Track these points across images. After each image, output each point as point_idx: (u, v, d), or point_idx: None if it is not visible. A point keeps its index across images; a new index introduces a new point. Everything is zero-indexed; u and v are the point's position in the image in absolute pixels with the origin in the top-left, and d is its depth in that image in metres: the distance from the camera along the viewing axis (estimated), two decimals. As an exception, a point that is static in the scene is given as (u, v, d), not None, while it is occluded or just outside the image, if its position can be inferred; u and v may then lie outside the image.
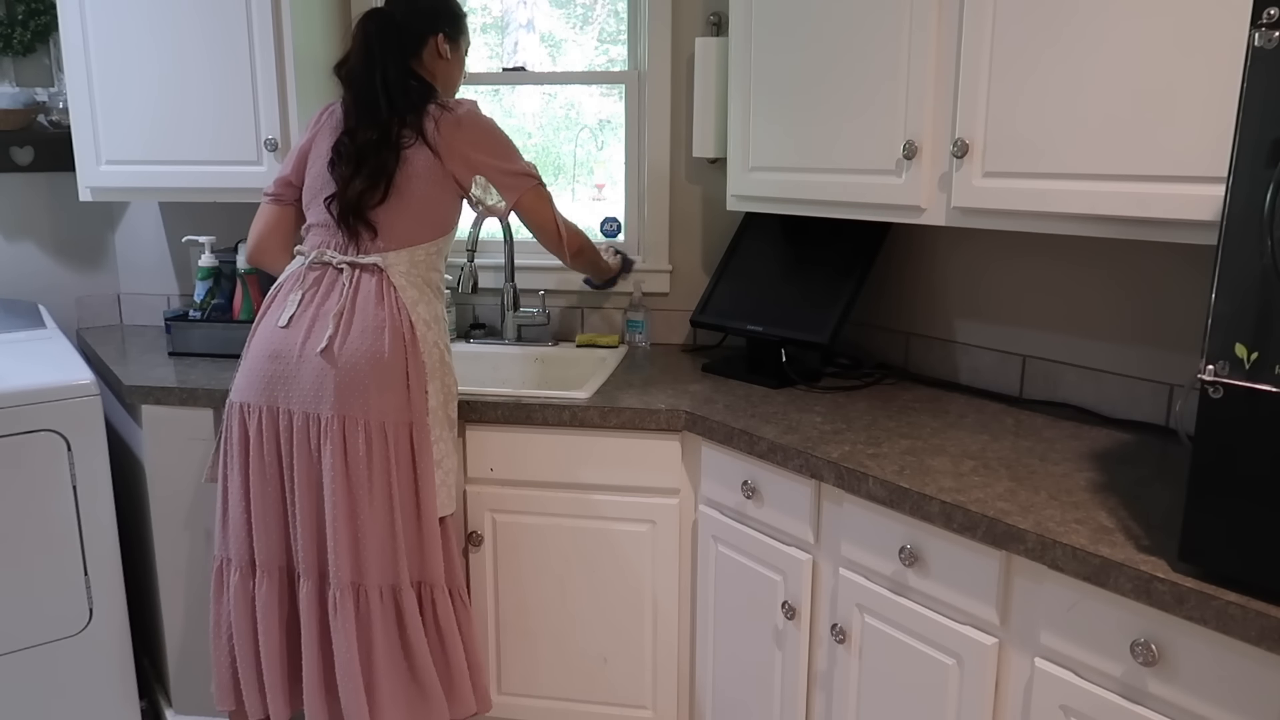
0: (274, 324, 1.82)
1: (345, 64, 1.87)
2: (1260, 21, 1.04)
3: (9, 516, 1.92)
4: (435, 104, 1.84)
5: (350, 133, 1.83)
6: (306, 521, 1.79)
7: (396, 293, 1.80)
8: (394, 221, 1.82)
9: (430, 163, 1.82)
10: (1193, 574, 1.16)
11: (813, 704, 1.76)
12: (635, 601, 2.02)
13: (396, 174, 1.81)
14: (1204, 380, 1.11)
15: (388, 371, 1.76)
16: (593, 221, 2.65)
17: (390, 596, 1.80)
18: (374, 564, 1.77)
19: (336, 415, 1.74)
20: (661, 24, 2.43)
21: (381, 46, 1.84)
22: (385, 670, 1.80)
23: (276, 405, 1.79)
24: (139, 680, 2.21)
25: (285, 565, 1.85)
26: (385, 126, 1.81)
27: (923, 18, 1.72)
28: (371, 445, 1.75)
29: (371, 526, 1.76)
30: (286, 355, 1.79)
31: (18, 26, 2.52)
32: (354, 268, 1.81)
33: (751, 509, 1.82)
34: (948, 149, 1.72)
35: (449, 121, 1.83)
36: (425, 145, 1.82)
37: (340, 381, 1.75)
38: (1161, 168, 1.42)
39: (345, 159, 1.82)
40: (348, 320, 1.78)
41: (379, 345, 1.76)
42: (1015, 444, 1.70)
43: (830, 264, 2.13)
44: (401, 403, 1.78)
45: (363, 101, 1.83)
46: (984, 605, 1.41)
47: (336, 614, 1.78)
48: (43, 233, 2.66)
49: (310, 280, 1.84)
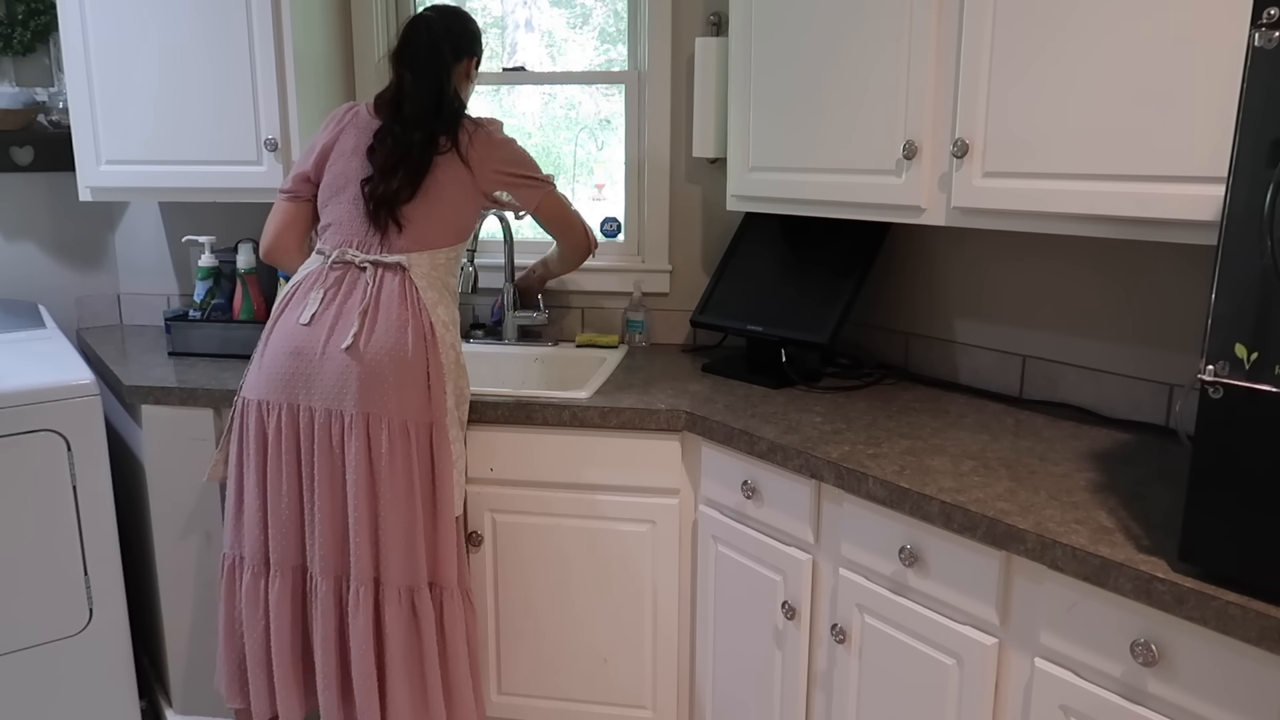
0: (294, 321, 1.82)
1: (404, 52, 1.91)
2: (1260, 21, 1.04)
3: (9, 516, 1.92)
4: (470, 119, 1.93)
5: (401, 121, 1.87)
6: (326, 520, 1.79)
7: (419, 293, 1.83)
8: (419, 222, 1.86)
9: (460, 173, 1.89)
10: (1193, 574, 1.16)
11: (813, 704, 1.76)
12: (635, 601, 2.02)
13: (428, 176, 1.86)
14: (1204, 380, 1.11)
15: (410, 370, 1.77)
16: (593, 221, 2.65)
17: (408, 597, 1.80)
18: (394, 563, 1.78)
19: (360, 412, 1.75)
20: (661, 24, 2.44)
21: (440, 49, 1.91)
22: (399, 671, 1.81)
23: (297, 403, 1.79)
24: (139, 680, 2.21)
25: (300, 565, 1.85)
26: (430, 130, 1.87)
27: (923, 17, 1.72)
28: (394, 444, 1.76)
29: (393, 525, 1.77)
30: (309, 353, 1.79)
31: (18, 26, 2.52)
32: (377, 266, 1.83)
33: (751, 509, 1.82)
34: (948, 149, 1.72)
35: (482, 137, 1.92)
36: (458, 156, 1.88)
37: (365, 378, 1.75)
38: (1161, 168, 1.42)
39: (387, 150, 1.85)
40: (372, 318, 1.79)
41: (402, 343, 1.77)
42: (1015, 444, 1.70)
43: (830, 264, 2.13)
44: (423, 402, 1.79)
45: (417, 93, 1.88)
46: (984, 605, 1.41)
47: (358, 612, 1.78)
48: (43, 233, 2.66)
49: (332, 279, 1.84)
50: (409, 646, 1.82)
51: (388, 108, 1.90)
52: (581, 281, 2.58)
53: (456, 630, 1.86)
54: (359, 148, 1.89)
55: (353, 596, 1.78)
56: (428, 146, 1.86)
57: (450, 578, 1.85)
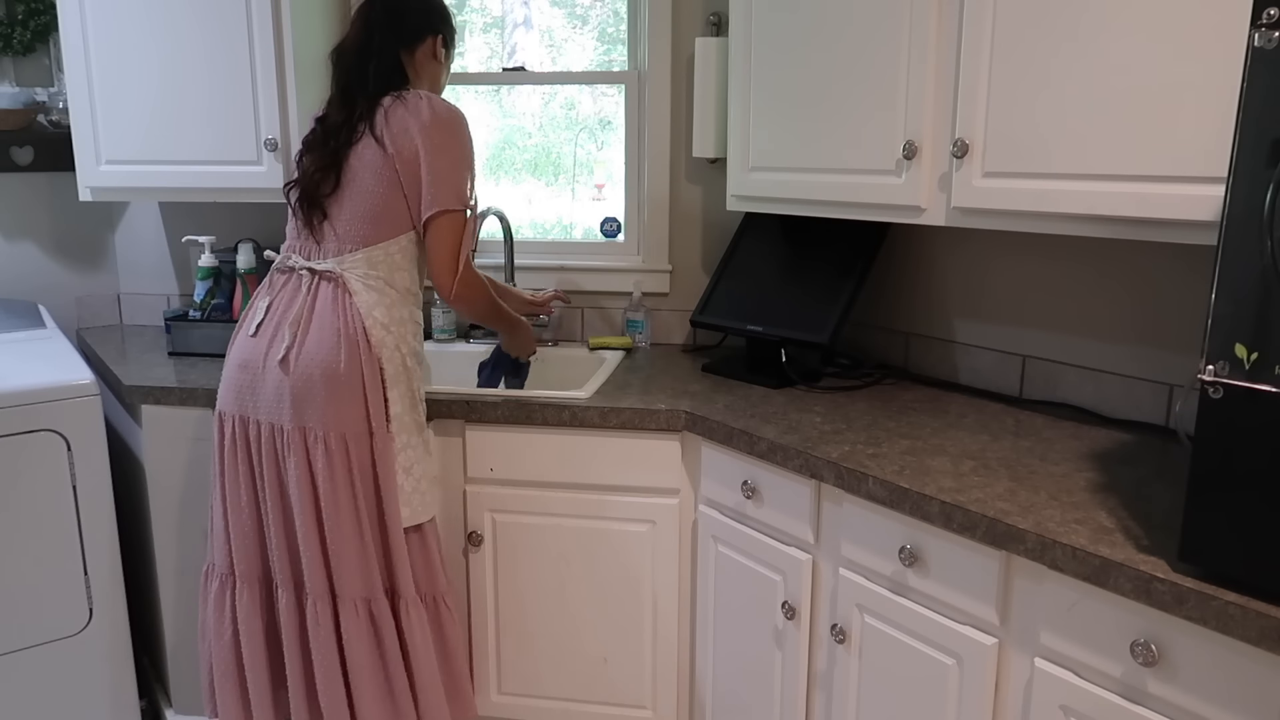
0: (246, 333, 1.81)
1: (340, 46, 1.84)
2: (1260, 21, 1.04)
3: (9, 516, 1.92)
4: (391, 94, 1.78)
5: (322, 119, 1.81)
6: (280, 533, 1.78)
7: (352, 299, 1.74)
8: (349, 220, 1.77)
9: (376, 156, 1.75)
10: (1192, 574, 1.16)
11: (813, 704, 1.76)
12: (635, 601, 2.02)
13: (345, 164, 1.77)
14: (1204, 380, 1.11)
15: (343, 383, 1.72)
16: (593, 221, 2.66)
17: (365, 608, 1.78)
18: (347, 577, 1.75)
19: (296, 427, 1.73)
20: (661, 24, 2.43)
21: (381, 33, 1.81)
22: (364, 681, 1.78)
23: (247, 415, 1.78)
24: (139, 680, 2.21)
25: (263, 575, 1.84)
26: (352, 111, 1.77)
27: (922, 18, 1.72)
28: (333, 458, 1.72)
29: (341, 539, 1.74)
30: (253, 365, 1.77)
31: (18, 26, 2.52)
32: (313, 274, 1.78)
33: (751, 509, 1.82)
34: (947, 149, 1.72)
35: (397, 109, 1.76)
36: (372, 137, 1.75)
37: (295, 393, 1.72)
38: (1161, 168, 1.42)
39: (307, 143, 1.80)
40: (304, 329, 1.74)
41: (334, 356, 1.72)
42: (1015, 444, 1.70)
43: (830, 264, 2.13)
44: (359, 413, 1.74)
45: (344, 85, 1.81)
46: (984, 605, 1.41)
47: (318, 625, 1.76)
48: (43, 233, 2.66)
49: (278, 285, 1.82)
50: (371, 657, 1.79)
51: (329, 99, 1.84)
52: (582, 282, 2.58)
53: (419, 638, 1.81)
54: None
55: (310, 609, 1.77)
56: (343, 131, 1.76)
57: (407, 587, 1.80)
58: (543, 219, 2.80)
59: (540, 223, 2.80)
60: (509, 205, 2.64)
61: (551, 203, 2.79)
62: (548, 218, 2.80)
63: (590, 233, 2.70)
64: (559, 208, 2.79)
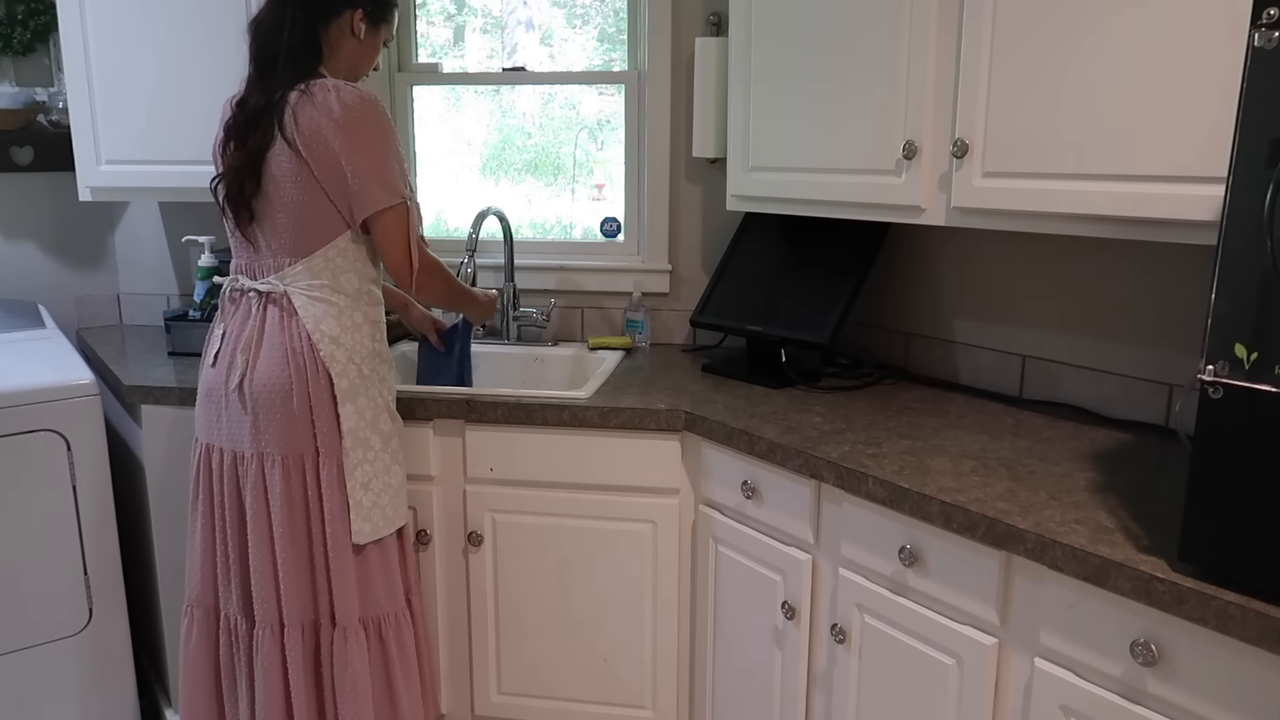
0: (207, 363, 1.79)
1: (256, 18, 1.72)
2: (1260, 21, 1.04)
3: (9, 516, 1.92)
4: (297, 89, 1.64)
5: (241, 103, 1.70)
6: (235, 562, 1.77)
7: (297, 313, 1.69)
8: (282, 228, 1.69)
9: (292, 160, 1.64)
10: (1192, 574, 1.16)
11: (812, 704, 1.76)
12: (635, 601, 2.02)
13: (265, 170, 1.66)
14: (1204, 380, 1.11)
15: (293, 403, 1.69)
16: (593, 221, 2.66)
17: (311, 633, 1.76)
18: (296, 602, 1.73)
19: (255, 454, 1.71)
20: (661, 24, 2.43)
21: (294, 5, 1.67)
22: (302, 712, 1.76)
23: (212, 443, 1.77)
24: (139, 680, 2.21)
25: (213, 606, 1.83)
26: (273, 94, 1.65)
27: (922, 18, 1.72)
28: (290, 481, 1.70)
29: (292, 563, 1.72)
30: (216, 394, 1.75)
31: (17, 26, 2.52)
32: (260, 295, 1.72)
33: (751, 509, 1.82)
34: (947, 149, 1.72)
35: (305, 107, 1.62)
36: (284, 140, 1.63)
37: (254, 419, 1.70)
38: (1161, 168, 1.42)
39: (231, 133, 1.69)
40: (255, 354, 1.70)
41: (284, 376, 1.68)
42: (1015, 444, 1.70)
43: (830, 264, 2.13)
44: (309, 433, 1.70)
45: (259, 63, 1.69)
46: (984, 605, 1.41)
47: (258, 655, 1.75)
48: (43, 233, 2.66)
49: (229, 312, 1.78)
50: (309, 685, 1.76)
51: (247, 81, 1.72)
52: (582, 282, 2.58)
53: (358, 667, 1.76)
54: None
55: (257, 640, 1.75)
56: (259, 129, 1.64)
57: (348, 613, 1.74)
58: (542, 219, 2.80)
59: (540, 223, 2.80)
60: (509, 205, 2.64)
61: (551, 203, 2.79)
62: (548, 218, 2.80)
63: (590, 233, 2.70)
64: (559, 208, 2.79)
